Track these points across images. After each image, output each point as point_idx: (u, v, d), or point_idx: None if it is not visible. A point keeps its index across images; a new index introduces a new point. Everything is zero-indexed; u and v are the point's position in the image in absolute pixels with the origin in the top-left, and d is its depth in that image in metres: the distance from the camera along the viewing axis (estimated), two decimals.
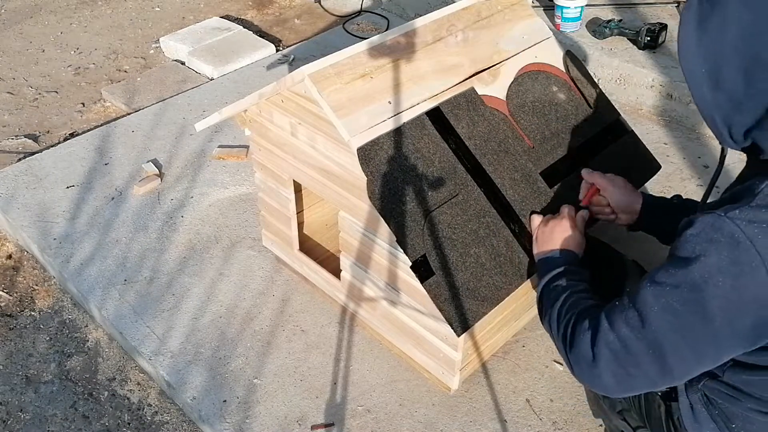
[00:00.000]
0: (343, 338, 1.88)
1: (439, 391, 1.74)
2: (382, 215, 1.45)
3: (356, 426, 1.67)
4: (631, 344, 1.08)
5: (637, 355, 1.08)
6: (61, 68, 3.45)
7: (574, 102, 1.79)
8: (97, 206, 2.36)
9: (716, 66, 1.01)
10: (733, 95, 1.01)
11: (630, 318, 1.08)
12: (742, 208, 0.97)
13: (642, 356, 1.08)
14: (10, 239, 2.39)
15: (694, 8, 1.04)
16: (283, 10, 4.04)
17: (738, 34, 0.97)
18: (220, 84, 3.07)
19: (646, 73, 2.80)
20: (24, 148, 2.85)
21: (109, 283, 2.08)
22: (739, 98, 1.00)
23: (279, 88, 1.55)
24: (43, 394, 1.87)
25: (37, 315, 2.10)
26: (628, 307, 1.10)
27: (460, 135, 1.58)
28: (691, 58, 1.05)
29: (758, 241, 0.95)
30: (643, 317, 1.06)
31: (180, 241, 2.22)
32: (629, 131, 1.85)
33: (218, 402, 1.73)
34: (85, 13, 4.00)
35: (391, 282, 1.64)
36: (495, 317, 1.69)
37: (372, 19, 3.68)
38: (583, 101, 1.80)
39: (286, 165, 1.78)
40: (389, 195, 1.46)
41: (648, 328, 1.06)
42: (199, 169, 2.52)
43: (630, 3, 3.25)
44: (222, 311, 1.98)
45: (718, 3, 0.99)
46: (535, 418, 1.68)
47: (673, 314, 1.03)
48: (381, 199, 1.46)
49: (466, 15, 1.74)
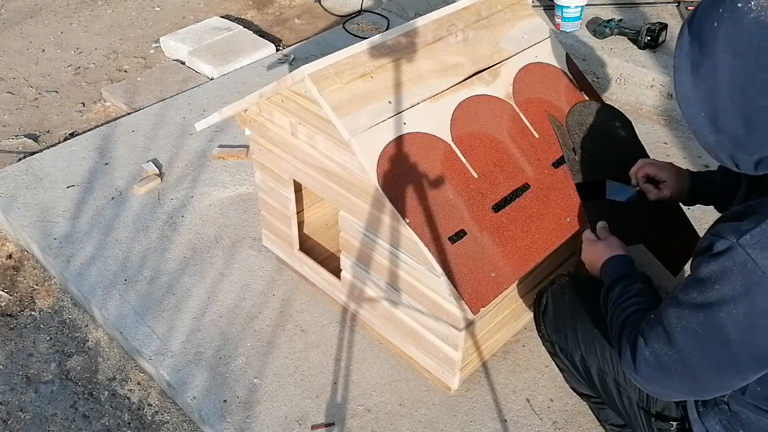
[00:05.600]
0: (344, 338, 1.88)
1: (440, 391, 1.74)
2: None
3: (356, 426, 1.67)
4: (663, 360, 1.12)
5: (669, 370, 1.12)
6: (61, 68, 3.45)
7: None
8: (98, 206, 2.36)
9: (714, 111, 1.03)
10: (735, 138, 1.02)
11: (659, 335, 1.13)
12: (753, 232, 0.99)
13: (674, 372, 1.12)
14: (10, 239, 2.39)
15: (685, 51, 1.05)
16: (283, 10, 4.04)
17: (730, 81, 0.99)
18: (220, 84, 3.07)
19: (646, 73, 2.80)
20: (24, 148, 2.85)
21: (109, 283, 2.08)
22: (742, 140, 1.02)
23: (279, 87, 1.55)
24: (44, 394, 1.87)
25: (38, 315, 2.10)
26: (656, 324, 1.14)
27: None
28: (690, 103, 1.06)
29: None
30: (669, 336, 1.11)
31: (180, 240, 2.22)
32: None
33: (219, 402, 1.73)
34: (86, 13, 4.00)
35: (392, 282, 1.64)
36: (495, 317, 1.69)
37: (372, 18, 3.68)
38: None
39: (287, 165, 1.78)
40: None
41: (674, 347, 1.10)
42: (200, 169, 2.52)
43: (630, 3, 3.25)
44: (222, 311, 1.98)
45: (707, 51, 1.00)
46: (536, 418, 1.68)
47: (694, 336, 1.07)
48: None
49: (467, 15, 1.74)
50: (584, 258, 1.50)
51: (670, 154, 2.54)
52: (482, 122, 1.65)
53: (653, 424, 1.35)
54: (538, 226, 1.61)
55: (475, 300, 1.47)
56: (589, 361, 1.43)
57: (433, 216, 1.49)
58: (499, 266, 1.53)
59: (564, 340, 1.49)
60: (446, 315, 1.54)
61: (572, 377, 1.56)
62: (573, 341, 1.46)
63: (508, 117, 1.69)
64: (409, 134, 1.53)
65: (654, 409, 1.35)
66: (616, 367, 1.39)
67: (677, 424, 1.30)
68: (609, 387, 1.41)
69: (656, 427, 1.34)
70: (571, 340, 1.47)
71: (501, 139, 1.65)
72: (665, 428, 1.33)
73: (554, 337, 1.52)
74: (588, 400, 1.62)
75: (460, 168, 1.57)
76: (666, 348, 1.11)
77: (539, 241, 1.60)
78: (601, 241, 1.48)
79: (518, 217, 1.59)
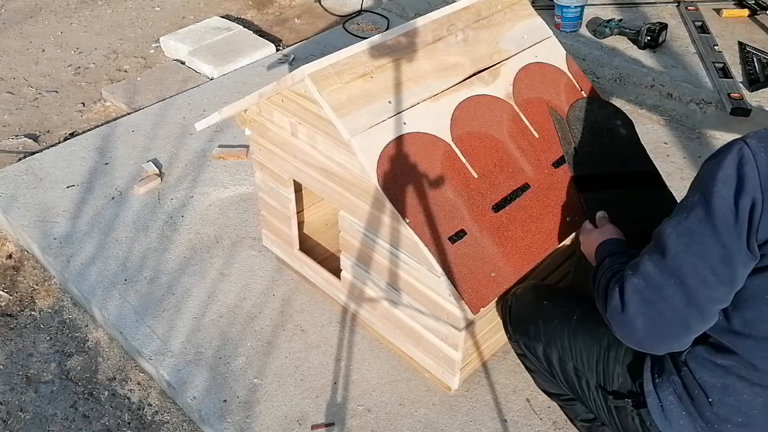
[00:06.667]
0: (344, 338, 1.88)
1: (440, 391, 1.74)
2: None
3: (356, 425, 1.67)
4: (654, 278, 1.16)
5: (661, 287, 1.15)
6: (61, 68, 3.45)
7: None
8: (98, 206, 2.36)
9: None
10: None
11: (653, 255, 1.17)
12: (757, 133, 1.09)
13: (666, 287, 1.14)
14: (10, 239, 2.39)
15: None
16: (283, 10, 4.04)
17: None
18: (220, 84, 3.07)
19: (647, 73, 2.80)
20: (24, 147, 2.85)
21: (109, 283, 2.08)
22: None
23: (279, 87, 1.55)
24: (44, 394, 1.87)
25: (38, 315, 2.10)
26: (652, 249, 1.18)
27: None
28: None
29: (760, 158, 1.06)
30: (663, 247, 1.15)
31: (180, 240, 2.22)
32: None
33: (219, 402, 1.73)
34: (86, 13, 4.00)
35: (392, 282, 1.64)
36: (495, 317, 1.69)
37: (372, 18, 3.68)
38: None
39: (286, 164, 1.78)
40: None
41: (668, 256, 1.14)
42: (200, 169, 2.52)
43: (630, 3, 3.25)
44: (222, 311, 1.98)
45: None
46: (536, 418, 1.68)
47: (688, 235, 1.12)
48: None
49: (466, 15, 1.74)
50: (582, 248, 1.55)
51: (670, 154, 2.54)
52: (482, 122, 1.65)
53: (610, 403, 1.36)
54: (538, 226, 1.61)
55: (475, 300, 1.47)
56: (550, 351, 1.47)
57: (433, 216, 1.49)
58: (499, 266, 1.53)
59: (527, 336, 1.52)
60: (446, 315, 1.54)
61: (540, 376, 1.59)
62: (535, 336, 1.50)
63: (508, 117, 1.68)
64: (409, 134, 1.53)
65: (611, 387, 1.36)
66: (574, 353, 1.42)
67: (632, 401, 1.31)
68: (569, 374, 1.44)
69: (613, 406, 1.35)
70: (534, 335, 1.50)
71: (501, 139, 1.65)
72: (621, 406, 1.34)
73: (518, 335, 1.55)
74: (558, 399, 1.64)
75: (460, 168, 1.57)
76: (658, 264, 1.15)
77: (539, 241, 1.60)
78: (597, 229, 1.53)
79: (518, 217, 1.59)
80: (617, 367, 1.35)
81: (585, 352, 1.40)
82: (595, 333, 1.39)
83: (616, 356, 1.35)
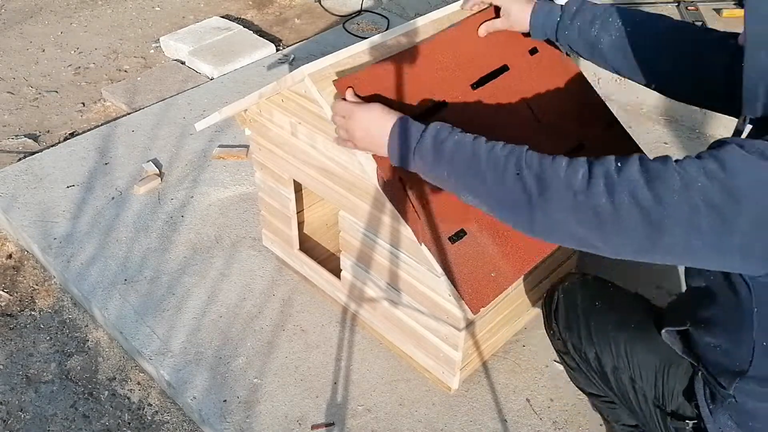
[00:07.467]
0: (344, 338, 1.88)
1: (440, 391, 1.74)
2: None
3: (356, 426, 1.67)
4: (710, 195, 0.99)
5: (718, 206, 0.98)
6: (61, 68, 3.45)
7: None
8: (98, 206, 2.36)
9: None
10: None
11: (709, 165, 1.02)
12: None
13: (723, 207, 0.98)
14: (10, 239, 2.39)
15: None
16: (283, 10, 4.04)
17: None
18: (221, 84, 3.07)
19: None
20: (24, 147, 2.85)
21: (110, 283, 2.08)
22: None
23: (279, 87, 1.55)
24: (44, 394, 1.87)
25: (38, 315, 2.11)
26: (707, 158, 1.03)
27: None
28: (761, 20, 1.00)
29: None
30: (724, 164, 0.99)
31: (181, 240, 2.22)
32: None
33: (219, 402, 1.73)
34: (85, 13, 4.00)
35: (392, 282, 1.64)
36: (495, 317, 1.69)
37: (372, 18, 3.68)
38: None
39: (287, 164, 1.78)
40: None
41: (729, 173, 0.98)
42: (200, 169, 2.52)
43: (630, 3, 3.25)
44: (223, 311, 1.98)
45: None
46: (536, 418, 1.68)
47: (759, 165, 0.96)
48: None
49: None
50: (360, 142, 1.32)
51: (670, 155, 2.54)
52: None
53: (669, 423, 1.34)
54: None
55: (475, 300, 1.47)
56: (604, 360, 1.42)
57: (433, 216, 1.49)
58: (499, 266, 1.53)
59: (577, 338, 1.48)
60: (446, 315, 1.54)
61: (582, 376, 1.54)
62: (587, 340, 1.45)
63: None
64: None
65: (669, 407, 1.34)
66: (631, 364, 1.38)
67: (693, 423, 1.29)
68: (624, 384, 1.40)
69: (672, 426, 1.33)
70: (585, 339, 1.45)
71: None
72: (681, 427, 1.32)
73: (566, 335, 1.51)
74: (596, 400, 1.60)
75: None
76: (718, 180, 0.99)
77: (539, 241, 1.60)
78: (355, 104, 1.31)
79: None
80: (676, 385, 1.32)
81: (644, 365, 1.36)
82: (653, 346, 1.35)
83: (675, 373, 1.32)
